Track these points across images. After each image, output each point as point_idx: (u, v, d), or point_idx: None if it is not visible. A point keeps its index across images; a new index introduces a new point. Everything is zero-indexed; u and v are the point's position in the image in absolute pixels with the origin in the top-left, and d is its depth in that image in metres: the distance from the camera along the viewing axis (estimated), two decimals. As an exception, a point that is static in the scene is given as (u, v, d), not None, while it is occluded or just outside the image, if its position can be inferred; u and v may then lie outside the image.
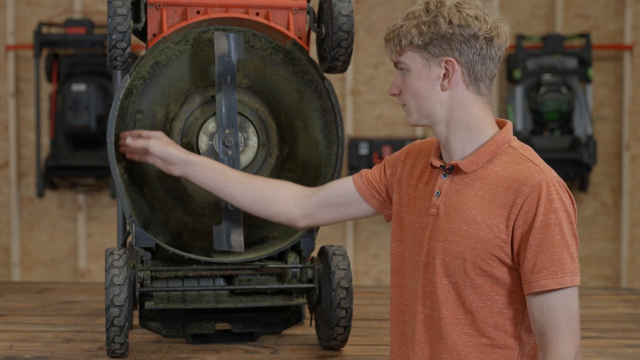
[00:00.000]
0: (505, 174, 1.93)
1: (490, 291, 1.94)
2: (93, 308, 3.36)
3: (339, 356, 2.71)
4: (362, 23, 5.38)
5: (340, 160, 2.70)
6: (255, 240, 2.79)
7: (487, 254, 1.92)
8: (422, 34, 1.95)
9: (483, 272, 1.93)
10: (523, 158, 1.95)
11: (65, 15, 5.30)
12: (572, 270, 1.87)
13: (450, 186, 2.00)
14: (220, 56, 2.63)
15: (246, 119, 2.73)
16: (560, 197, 1.89)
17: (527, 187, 1.89)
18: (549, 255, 1.87)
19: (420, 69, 1.97)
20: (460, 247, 1.94)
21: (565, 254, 1.87)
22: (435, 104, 1.98)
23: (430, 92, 1.98)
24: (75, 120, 5.04)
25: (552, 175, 1.91)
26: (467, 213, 1.95)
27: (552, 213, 1.87)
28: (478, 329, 1.96)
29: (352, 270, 5.28)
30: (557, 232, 1.87)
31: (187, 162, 2.49)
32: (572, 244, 1.88)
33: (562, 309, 1.87)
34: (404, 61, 1.99)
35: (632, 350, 2.79)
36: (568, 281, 1.86)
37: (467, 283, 1.94)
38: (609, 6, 5.37)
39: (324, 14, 2.71)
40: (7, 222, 5.39)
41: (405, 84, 2.00)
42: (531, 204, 1.88)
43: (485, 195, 1.94)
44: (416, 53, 1.97)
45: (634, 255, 5.40)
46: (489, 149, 1.97)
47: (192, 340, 2.79)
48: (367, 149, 5.18)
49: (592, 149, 5.09)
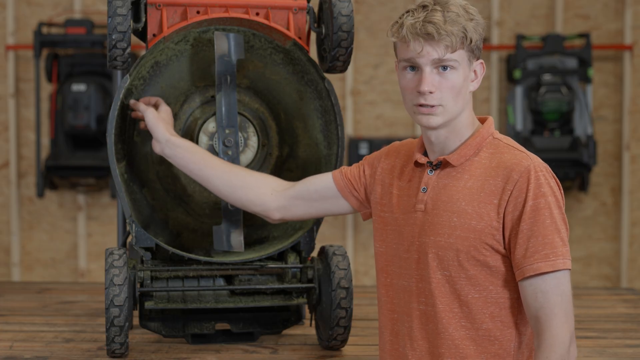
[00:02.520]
0: (493, 164, 1.97)
1: (484, 281, 1.96)
2: (93, 308, 3.36)
3: (339, 356, 2.71)
4: (362, 23, 5.38)
5: (340, 160, 2.70)
6: (255, 240, 2.79)
7: (479, 242, 1.95)
8: (480, 36, 1.99)
9: (477, 261, 1.95)
10: (508, 147, 2.00)
11: (65, 15, 5.30)
12: (564, 253, 1.90)
13: (437, 181, 2.02)
14: (220, 56, 2.63)
15: (246, 119, 2.73)
16: (548, 182, 1.93)
17: (515, 172, 1.93)
18: (540, 239, 1.90)
19: (466, 68, 2.00)
20: (452, 238, 1.96)
21: (556, 237, 1.90)
22: (465, 103, 2.02)
23: (466, 91, 2.02)
24: (75, 120, 5.04)
25: (538, 161, 1.96)
26: (456, 205, 1.97)
27: (541, 197, 1.91)
28: (475, 321, 1.97)
29: (352, 270, 5.27)
30: (548, 215, 1.90)
31: (168, 141, 2.48)
32: (562, 227, 1.92)
33: (555, 293, 1.89)
34: (455, 58, 1.97)
35: (632, 350, 2.79)
36: (560, 264, 1.89)
37: (461, 274, 1.96)
38: (609, 6, 5.37)
39: (324, 14, 2.71)
40: (7, 222, 5.39)
41: (447, 82, 1.98)
42: (521, 189, 1.92)
43: (474, 186, 1.97)
44: (465, 52, 1.98)
45: (634, 255, 5.40)
46: (474, 141, 2.01)
47: (192, 340, 2.79)
48: (367, 149, 5.18)
49: (592, 149, 5.09)
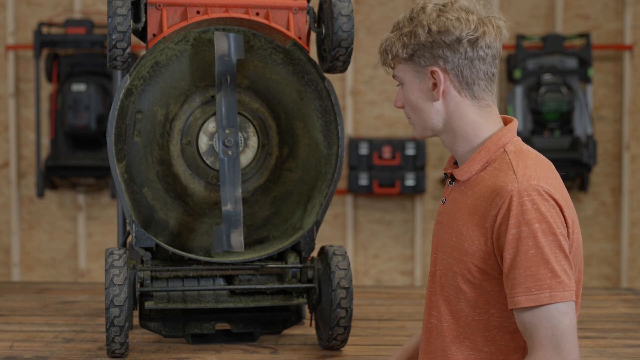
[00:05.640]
0: (489, 183, 1.84)
1: (484, 305, 1.85)
2: (93, 308, 3.36)
3: (339, 356, 2.71)
4: (362, 23, 5.37)
5: (341, 160, 2.70)
6: (255, 240, 2.79)
7: (472, 266, 1.83)
8: (405, 46, 1.88)
9: (473, 285, 1.84)
10: (508, 165, 1.84)
11: (65, 15, 5.30)
12: (552, 286, 1.73)
13: (452, 194, 1.94)
14: (220, 56, 2.63)
15: (246, 119, 2.73)
16: (537, 208, 1.75)
17: (499, 197, 1.78)
18: (522, 271, 1.74)
19: (412, 81, 1.91)
20: (450, 259, 1.88)
21: (542, 269, 1.73)
22: (432, 115, 1.91)
23: (425, 103, 1.91)
24: (75, 120, 5.04)
25: (528, 184, 1.78)
26: (456, 223, 1.87)
27: (524, 225, 1.74)
28: (477, 343, 1.87)
29: (352, 270, 5.28)
30: (532, 245, 1.74)
31: None
32: (552, 257, 1.73)
33: (545, 326, 1.74)
34: (397, 74, 1.93)
35: (632, 350, 2.79)
36: (545, 298, 1.72)
37: (460, 296, 1.87)
38: (609, 6, 5.37)
39: (324, 14, 2.71)
40: (7, 222, 5.39)
41: (404, 97, 1.94)
42: (503, 216, 1.77)
43: (472, 205, 1.85)
44: (405, 65, 1.90)
45: (634, 255, 5.40)
46: (479, 155, 1.89)
47: (192, 340, 2.79)
48: (367, 149, 5.18)
49: (592, 149, 5.09)
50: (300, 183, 2.79)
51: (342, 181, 5.21)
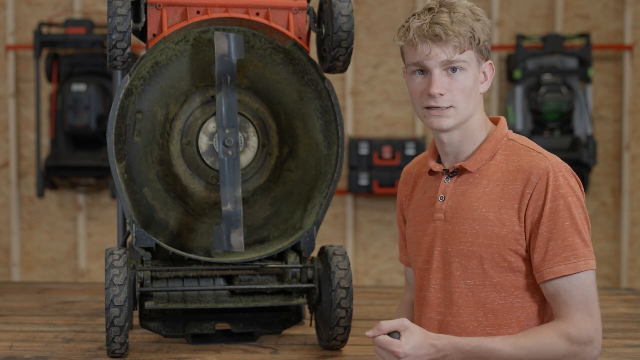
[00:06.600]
0: (510, 168, 1.95)
1: (509, 287, 1.95)
2: (93, 308, 3.36)
3: (339, 356, 2.71)
4: (362, 23, 5.38)
5: (341, 160, 2.70)
6: (255, 240, 2.79)
7: (503, 249, 1.93)
8: (487, 35, 1.98)
9: (501, 268, 1.94)
10: (525, 148, 1.98)
11: (65, 15, 5.30)
12: (586, 255, 1.89)
13: (455, 188, 1.99)
14: (220, 56, 2.63)
15: (246, 119, 2.73)
16: (568, 182, 1.91)
17: (534, 175, 1.91)
18: (560, 242, 1.89)
19: (475, 69, 1.98)
20: (475, 246, 1.95)
21: (577, 239, 1.89)
22: (476, 105, 2.00)
23: (476, 92, 2.00)
24: (75, 120, 5.04)
25: (556, 160, 1.94)
26: (477, 212, 1.95)
27: (560, 199, 1.89)
28: (500, 327, 1.96)
29: (352, 270, 5.28)
30: (567, 217, 1.89)
31: None
32: (583, 228, 1.91)
33: (580, 293, 1.88)
34: (464, 59, 1.96)
35: (632, 350, 2.79)
36: (582, 266, 1.88)
37: (486, 282, 1.95)
38: (609, 6, 5.37)
39: (324, 14, 2.71)
40: (7, 222, 5.39)
41: (457, 84, 1.96)
42: (540, 192, 1.90)
43: (494, 191, 1.95)
44: (473, 53, 1.97)
45: (634, 255, 5.40)
46: (489, 145, 1.99)
47: (192, 340, 2.79)
48: (367, 149, 5.18)
49: (592, 149, 5.09)
50: (300, 183, 2.79)
51: (342, 181, 5.21)
